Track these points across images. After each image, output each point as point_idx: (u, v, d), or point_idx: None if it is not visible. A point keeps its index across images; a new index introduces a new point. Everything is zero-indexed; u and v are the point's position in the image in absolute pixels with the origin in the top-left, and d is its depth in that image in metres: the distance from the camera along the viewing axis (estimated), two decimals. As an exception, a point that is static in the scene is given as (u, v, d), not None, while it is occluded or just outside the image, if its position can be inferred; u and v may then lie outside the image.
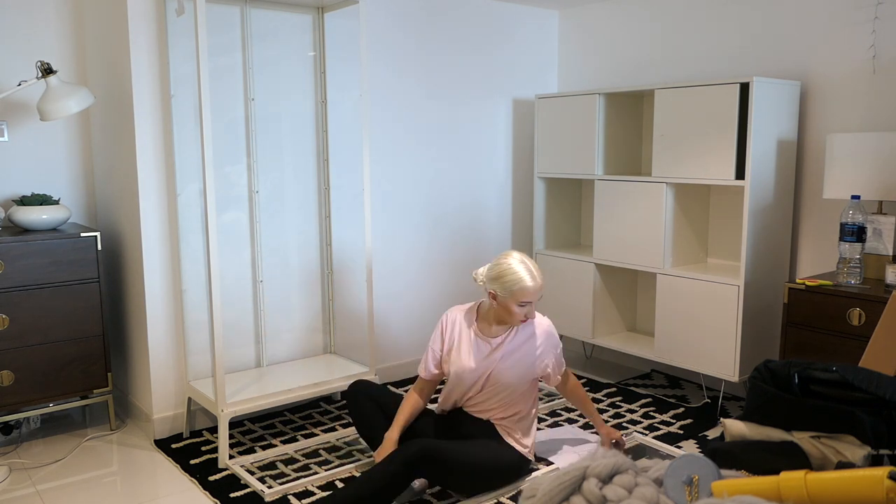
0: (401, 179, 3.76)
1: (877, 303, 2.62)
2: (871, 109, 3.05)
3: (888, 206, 3.01)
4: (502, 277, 2.51)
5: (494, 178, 4.13)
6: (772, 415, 1.66)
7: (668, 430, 3.13)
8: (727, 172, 3.11)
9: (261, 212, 3.25)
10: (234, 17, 3.09)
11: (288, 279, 3.36)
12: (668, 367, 3.91)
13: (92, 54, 3.21)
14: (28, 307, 2.88)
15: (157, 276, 3.01)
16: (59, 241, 2.92)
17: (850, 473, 1.24)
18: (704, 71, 3.62)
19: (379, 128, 3.65)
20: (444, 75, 3.85)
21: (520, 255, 2.56)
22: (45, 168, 3.23)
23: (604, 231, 3.65)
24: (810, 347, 2.81)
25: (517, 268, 2.51)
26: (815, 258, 3.28)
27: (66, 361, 2.98)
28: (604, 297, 3.79)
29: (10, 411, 2.93)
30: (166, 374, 3.08)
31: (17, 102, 3.12)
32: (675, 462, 1.34)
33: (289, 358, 3.40)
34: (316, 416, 3.32)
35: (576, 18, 4.22)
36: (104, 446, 3.01)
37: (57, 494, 2.59)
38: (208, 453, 2.92)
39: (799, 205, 3.32)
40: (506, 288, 2.51)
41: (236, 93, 3.13)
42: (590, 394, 3.59)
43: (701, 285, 3.24)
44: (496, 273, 2.53)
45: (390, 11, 3.62)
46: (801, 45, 3.24)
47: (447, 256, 3.98)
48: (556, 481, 1.33)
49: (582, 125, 3.71)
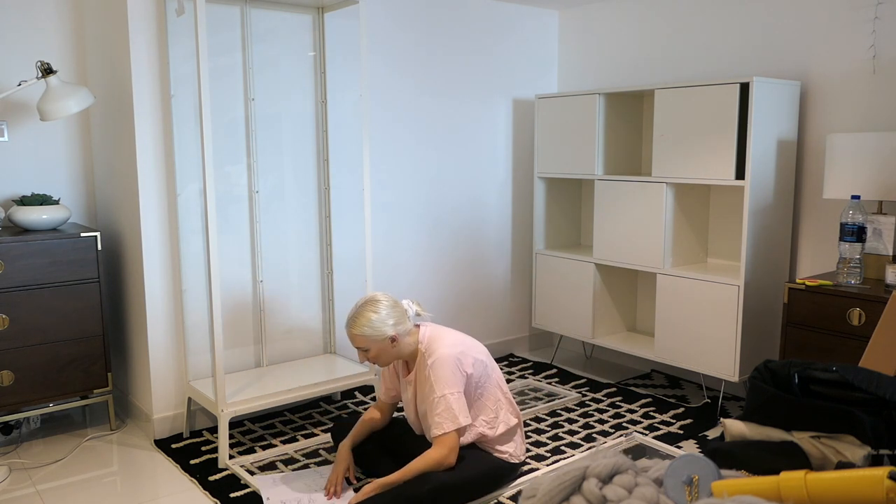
0: (401, 179, 3.76)
1: (877, 303, 2.62)
2: (871, 109, 3.05)
3: (888, 206, 3.01)
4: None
5: (494, 178, 4.13)
6: (772, 415, 1.66)
7: (668, 430, 3.13)
8: (727, 172, 3.11)
9: (261, 212, 3.25)
10: (234, 17, 3.09)
11: (288, 279, 3.36)
12: (668, 367, 3.91)
13: (92, 54, 3.21)
14: (28, 307, 2.88)
15: (157, 276, 3.01)
16: (59, 241, 2.92)
17: (850, 473, 1.24)
18: (704, 71, 3.62)
19: (379, 128, 3.65)
20: (444, 75, 3.85)
21: (373, 299, 2.53)
22: (45, 168, 3.23)
23: (604, 231, 3.65)
24: (810, 347, 2.80)
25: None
26: (815, 258, 3.28)
27: (66, 361, 2.98)
28: (604, 297, 3.79)
29: (10, 411, 2.93)
30: (166, 374, 3.08)
31: (17, 102, 3.12)
32: (675, 462, 1.34)
33: (289, 358, 3.40)
34: (316, 416, 3.32)
35: (576, 18, 4.22)
36: (104, 446, 3.01)
37: (57, 494, 2.59)
38: (208, 453, 2.92)
39: (799, 205, 3.32)
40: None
41: (236, 93, 3.13)
42: (589, 393, 3.59)
43: (701, 285, 3.24)
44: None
45: (390, 11, 3.62)
46: (801, 45, 3.24)
47: (447, 256, 3.98)
48: (556, 481, 1.33)
49: (582, 125, 3.71)
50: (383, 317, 2.46)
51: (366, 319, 2.45)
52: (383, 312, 2.47)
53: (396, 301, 2.54)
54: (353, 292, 3.57)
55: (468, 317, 4.11)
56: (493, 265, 4.18)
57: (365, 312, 2.47)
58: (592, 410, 3.37)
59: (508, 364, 4.09)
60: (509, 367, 4.02)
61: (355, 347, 2.51)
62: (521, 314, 4.36)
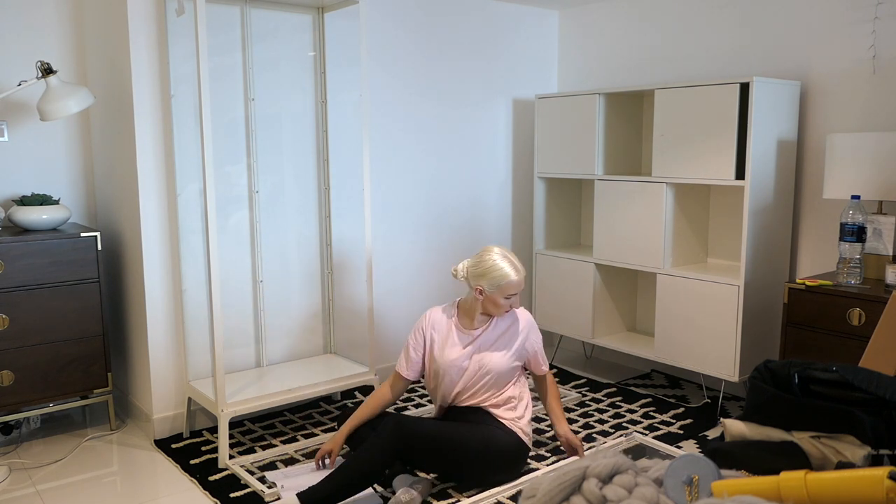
0: (401, 179, 3.76)
1: (877, 303, 2.62)
2: (871, 109, 3.05)
3: (888, 206, 3.01)
4: (488, 274, 2.62)
5: (494, 178, 4.13)
6: (772, 415, 1.66)
7: (668, 430, 3.13)
8: (727, 172, 3.11)
9: (261, 212, 3.25)
10: (234, 17, 3.09)
11: (288, 279, 3.36)
12: (668, 367, 3.91)
13: (92, 54, 3.21)
14: (28, 307, 2.88)
15: (157, 276, 3.01)
16: (59, 241, 2.92)
17: (850, 473, 1.24)
18: (704, 71, 3.62)
19: (379, 127, 3.65)
20: (444, 75, 3.85)
21: (500, 250, 2.66)
22: (45, 168, 3.23)
23: (604, 231, 3.65)
24: (810, 347, 2.81)
25: (501, 263, 2.62)
26: (815, 258, 3.28)
27: (66, 361, 2.98)
28: (604, 297, 3.79)
29: (10, 411, 2.93)
30: (166, 374, 3.08)
31: (17, 102, 3.12)
32: (675, 462, 1.34)
33: (289, 358, 3.40)
34: (316, 416, 3.32)
35: (576, 18, 4.22)
36: (104, 446, 3.01)
37: (57, 494, 2.59)
38: (208, 453, 2.92)
39: (799, 205, 3.32)
40: (492, 283, 2.61)
41: (236, 93, 3.13)
42: (589, 393, 3.59)
43: (701, 285, 3.24)
44: (482, 270, 2.63)
45: (390, 12, 3.62)
46: (801, 45, 3.24)
47: (447, 257, 3.98)
48: (556, 481, 1.33)
49: (582, 125, 3.71)
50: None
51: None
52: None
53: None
54: (354, 293, 3.57)
55: (468, 317, 4.11)
56: (493, 265, 4.17)
57: (514, 255, 2.69)
58: (592, 410, 3.38)
59: (508, 364, 4.08)
60: (509, 367, 4.02)
61: (516, 294, 2.65)
62: (521, 314, 4.35)
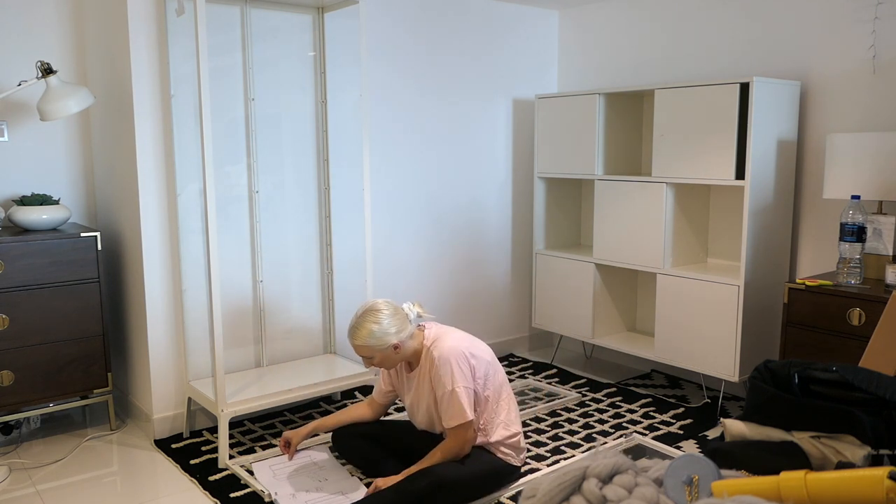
0: (401, 179, 3.76)
1: (877, 303, 2.62)
2: (871, 109, 3.05)
3: (888, 206, 3.01)
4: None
5: (494, 178, 4.13)
6: (772, 415, 1.66)
7: (668, 430, 3.13)
8: (727, 172, 3.11)
9: (261, 212, 3.25)
10: (234, 17, 3.09)
11: (288, 279, 3.36)
12: (668, 367, 3.91)
13: (92, 54, 3.21)
14: (28, 307, 2.88)
15: (157, 276, 3.01)
16: (59, 241, 2.92)
17: (850, 473, 1.24)
18: (704, 71, 3.62)
19: (379, 128, 3.65)
20: (444, 75, 3.85)
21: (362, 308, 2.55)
22: (45, 168, 3.23)
23: (604, 231, 3.65)
24: (810, 347, 2.80)
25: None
26: (815, 258, 3.28)
27: (66, 361, 2.98)
28: (604, 297, 3.79)
29: (10, 411, 2.93)
30: (166, 374, 3.08)
31: (17, 102, 3.12)
32: (675, 462, 1.34)
33: (289, 358, 3.40)
34: (316, 416, 3.32)
35: (576, 18, 4.22)
36: (104, 446, 3.01)
37: (57, 494, 2.59)
38: (208, 453, 2.92)
39: (799, 205, 3.32)
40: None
41: (236, 93, 3.13)
42: (589, 393, 3.59)
43: (701, 285, 3.24)
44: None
45: (390, 11, 3.62)
46: (801, 45, 3.24)
47: (447, 256, 3.98)
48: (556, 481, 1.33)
49: (582, 125, 3.71)
50: (385, 327, 2.47)
51: (367, 332, 2.46)
52: (385, 322, 2.47)
53: (397, 307, 2.54)
54: (353, 292, 3.57)
55: (468, 317, 4.11)
56: (493, 265, 4.18)
57: (366, 324, 2.47)
58: (592, 410, 3.37)
59: (508, 364, 4.08)
60: (509, 367, 4.02)
61: (359, 356, 2.52)
62: (521, 314, 4.36)
